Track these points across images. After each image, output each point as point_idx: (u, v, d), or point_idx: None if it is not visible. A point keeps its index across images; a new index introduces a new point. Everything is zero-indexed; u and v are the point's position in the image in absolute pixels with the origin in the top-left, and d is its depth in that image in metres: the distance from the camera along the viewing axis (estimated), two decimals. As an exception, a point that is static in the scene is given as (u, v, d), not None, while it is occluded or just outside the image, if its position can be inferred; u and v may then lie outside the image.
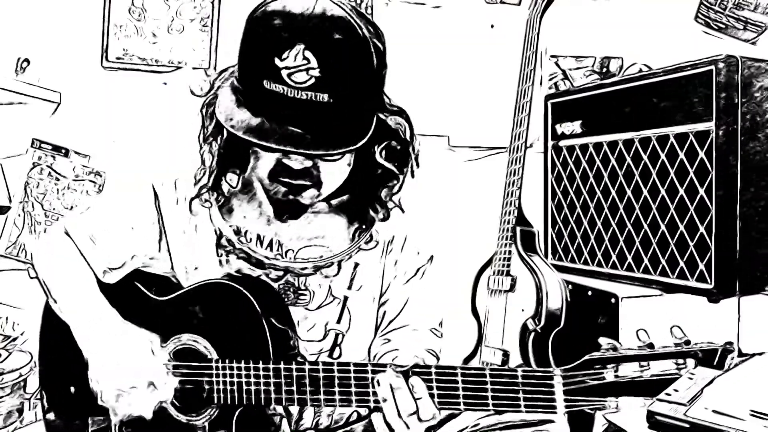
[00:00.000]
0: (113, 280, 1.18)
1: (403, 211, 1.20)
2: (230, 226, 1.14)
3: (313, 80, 0.91)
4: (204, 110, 1.06)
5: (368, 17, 0.99)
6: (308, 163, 1.01)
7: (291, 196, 1.07)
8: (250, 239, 1.15)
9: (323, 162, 1.02)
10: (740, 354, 0.88)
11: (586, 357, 0.93)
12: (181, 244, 1.18)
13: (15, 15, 2.11)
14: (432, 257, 1.29)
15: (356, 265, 1.20)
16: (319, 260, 1.16)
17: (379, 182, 1.11)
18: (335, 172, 1.06)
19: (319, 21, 0.92)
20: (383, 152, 1.04)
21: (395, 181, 1.11)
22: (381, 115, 1.04)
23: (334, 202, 1.15)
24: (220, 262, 1.17)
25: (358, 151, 1.03)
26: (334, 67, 0.92)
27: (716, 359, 0.88)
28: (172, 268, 1.20)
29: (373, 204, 1.13)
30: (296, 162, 1.01)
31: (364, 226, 1.19)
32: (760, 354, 0.90)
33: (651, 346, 0.90)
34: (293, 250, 1.16)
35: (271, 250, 1.15)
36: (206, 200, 1.16)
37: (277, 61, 0.92)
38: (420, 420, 0.99)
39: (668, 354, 0.90)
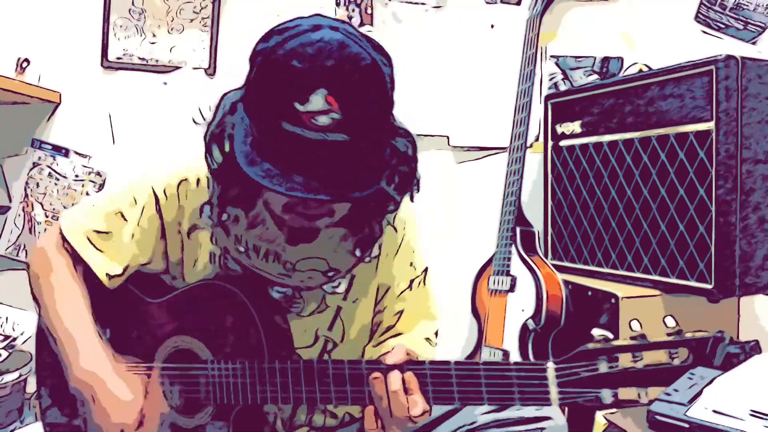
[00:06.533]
0: (116, 285, 1.15)
1: (395, 231, 1.19)
2: (234, 244, 1.11)
3: (334, 123, 0.89)
4: (212, 140, 1.00)
5: (375, 42, 0.95)
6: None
7: (306, 224, 1.04)
8: (247, 248, 1.12)
9: None
10: (732, 342, 0.87)
11: (579, 349, 0.92)
12: (179, 248, 1.17)
13: (15, 15, 2.11)
14: (426, 269, 1.28)
15: (353, 277, 1.19)
16: (325, 277, 1.13)
17: (379, 205, 1.07)
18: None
19: (339, 62, 0.88)
20: (388, 178, 0.99)
21: (394, 205, 1.07)
22: (393, 141, 1.00)
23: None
24: (220, 266, 1.15)
25: None
26: (354, 108, 0.90)
27: (708, 348, 0.87)
28: (168, 270, 1.19)
29: (371, 225, 1.11)
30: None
31: (364, 244, 1.16)
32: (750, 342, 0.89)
33: (643, 336, 0.89)
34: (291, 262, 1.13)
35: (267, 261, 1.13)
36: (209, 216, 1.14)
37: (297, 105, 0.88)
38: (411, 417, 0.98)
39: (661, 344, 0.89)
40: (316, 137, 0.89)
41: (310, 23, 0.92)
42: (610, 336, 0.92)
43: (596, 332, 0.92)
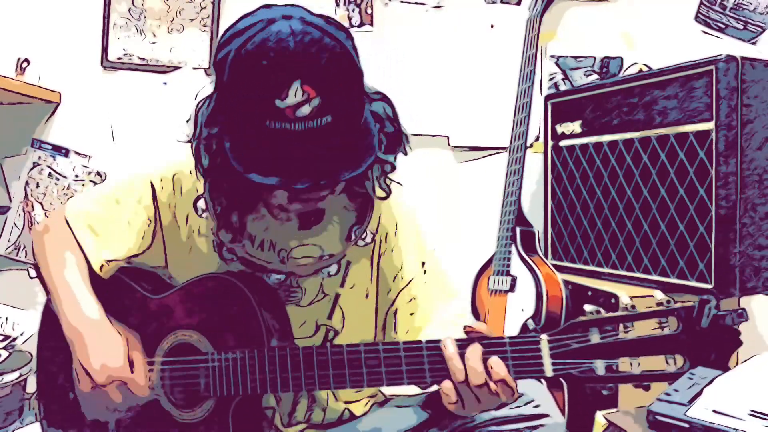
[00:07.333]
0: (108, 274, 1.17)
1: (401, 185, 1.19)
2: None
3: (315, 109, 0.91)
4: (201, 150, 1.03)
5: (330, 18, 0.97)
6: None
7: (313, 207, 1.06)
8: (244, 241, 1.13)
9: None
10: (717, 307, 0.89)
11: (572, 321, 0.95)
12: (177, 241, 1.18)
13: (15, 15, 2.12)
14: (424, 263, 1.26)
15: (348, 263, 1.20)
16: (320, 262, 1.15)
17: (377, 170, 1.10)
18: None
19: (304, 50, 0.91)
20: (378, 144, 1.01)
21: (390, 167, 1.09)
22: (370, 107, 1.03)
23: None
24: (219, 254, 1.16)
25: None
26: (330, 90, 0.92)
27: (695, 311, 0.90)
28: (166, 264, 1.20)
29: (371, 185, 1.12)
30: None
31: (358, 224, 1.17)
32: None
33: (634, 308, 0.92)
34: (286, 250, 1.15)
35: (263, 250, 1.14)
36: (203, 210, 1.15)
37: (277, 102, 0.90)
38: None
39: (650, 314, 0.92)
40: (302, 128, 0.91)
41: (262, 18, 0.94)
42: (602, 310, 0.94)
43: (588, 307, 0.95)
